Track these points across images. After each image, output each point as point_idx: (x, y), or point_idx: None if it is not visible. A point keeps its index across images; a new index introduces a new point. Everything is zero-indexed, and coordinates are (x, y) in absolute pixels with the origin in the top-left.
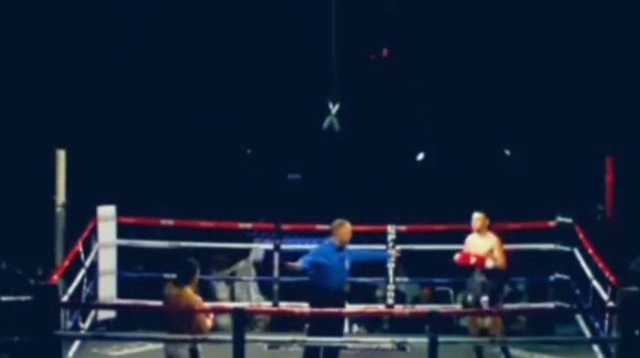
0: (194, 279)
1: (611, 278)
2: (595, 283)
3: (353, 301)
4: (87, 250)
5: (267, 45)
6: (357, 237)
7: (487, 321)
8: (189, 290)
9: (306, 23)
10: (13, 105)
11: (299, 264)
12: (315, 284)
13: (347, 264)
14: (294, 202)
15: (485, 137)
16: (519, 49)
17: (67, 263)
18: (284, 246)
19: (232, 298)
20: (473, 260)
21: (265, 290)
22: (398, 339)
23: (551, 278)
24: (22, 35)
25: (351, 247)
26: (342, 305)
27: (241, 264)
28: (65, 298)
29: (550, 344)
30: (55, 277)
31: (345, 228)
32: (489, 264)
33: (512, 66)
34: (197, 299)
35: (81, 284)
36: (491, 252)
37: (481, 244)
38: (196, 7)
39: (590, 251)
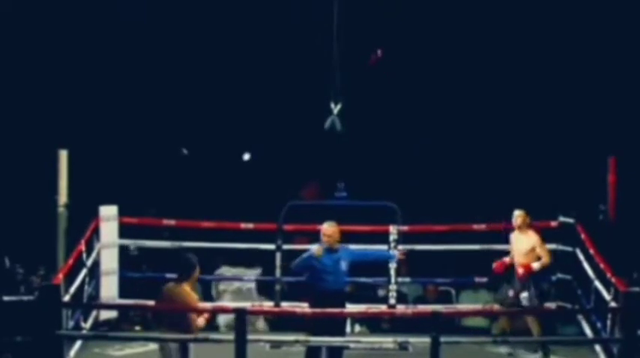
0: (193, 275)
1: (614, 279)
2: (597, 283)
3: (355, 301)
4: (89, 250)
5: (269, 45)
6: (359, 237)
7: (528, 320)
8: (186, 287)
9: (308, 23)
10: (15, 105)
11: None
12: (310, 286)
13: (344, 265)
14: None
15: (488, 136)
16: (520, 48)
17: (70, 262)
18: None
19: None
20: (520, 271)
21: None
22: (400, 339)
23: (553, 278)
24: (24, 35)
25: (354, 247)
26: (342, 306)
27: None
28: (67, 298)
29: (552, 345)
30: (60, 276)
31: (331, 229)
32: (536, 267)
33: (514, 65)
34: (193, 297)
35: (82, 284)
36: (533, 250)
37: (524, 241)
38: (198, 8)
39: (592, 251)
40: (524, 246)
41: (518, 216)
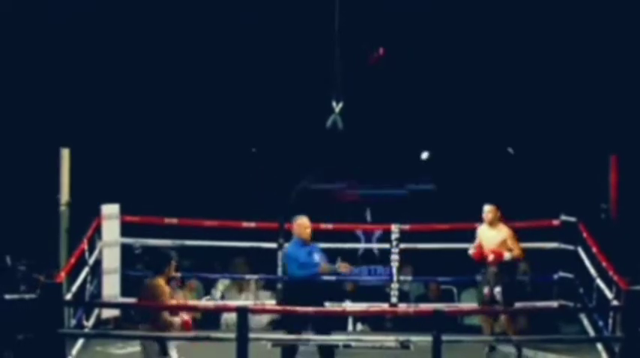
0: (167, 271)
1: (615, 278)
2: (599, 282)
3: (357, 300)
4: (91, 248)
5: (270, 43)
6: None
7: (501, 319)
8: (159, 281)
9: (309, 21)
10: (17, 103)
11: None
12: (285, 278)
13: (316, 257)
14: (300, 202)
15: (489, 135)
16: (520, 47)
17: (72, 261)
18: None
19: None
20: (491, 257)
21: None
22: (402, 338)
23: (555, 276)
24: (25, 34)
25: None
26: (317, 297)
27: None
28: (69, 296)
29: (554, 343)
30: (62, 274)
31: (298, 224)
32: (507, 256)
33: (515, 64)
34: (164, 291)
35: (85, 282)
36: (504, 243)
37: (493, 236)
38: (201, 6)
39: (594, 249)
40: (494, 239)
41: (488, 211)
